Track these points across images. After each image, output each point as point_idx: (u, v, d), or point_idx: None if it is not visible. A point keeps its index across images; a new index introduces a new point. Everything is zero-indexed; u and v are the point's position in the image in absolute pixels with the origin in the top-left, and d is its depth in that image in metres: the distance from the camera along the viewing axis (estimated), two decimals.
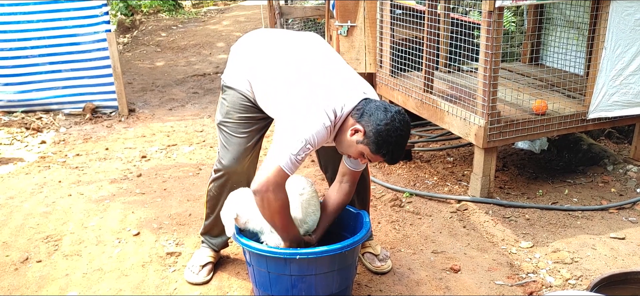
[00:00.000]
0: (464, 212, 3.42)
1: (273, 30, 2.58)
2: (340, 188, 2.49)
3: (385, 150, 2.17)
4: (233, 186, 2.54)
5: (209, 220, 2.72)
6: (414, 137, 4.87)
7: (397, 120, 2.16)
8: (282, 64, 2.33)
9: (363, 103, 2.21)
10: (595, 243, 3.02)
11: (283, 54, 2.37)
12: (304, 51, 2.37)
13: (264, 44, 2.45)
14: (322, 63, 2.34)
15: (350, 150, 2.25)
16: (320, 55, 2.38)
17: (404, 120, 2.20)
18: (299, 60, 2.33)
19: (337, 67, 2.36)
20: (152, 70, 7.89)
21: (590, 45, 3.73)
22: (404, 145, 2.22)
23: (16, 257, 2.93)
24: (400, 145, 2.19)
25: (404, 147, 2.23)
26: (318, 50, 2.40)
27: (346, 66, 2.41)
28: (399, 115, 2.18)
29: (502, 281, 2.71)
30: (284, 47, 2.40)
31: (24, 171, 4.20)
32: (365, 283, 2.70)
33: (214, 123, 5.36)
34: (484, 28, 3.18)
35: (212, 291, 2.65)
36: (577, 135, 4.37)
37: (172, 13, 12.15)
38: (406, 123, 2.20)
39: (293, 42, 2.42)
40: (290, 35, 2.50)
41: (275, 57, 2.36)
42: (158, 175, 4.10)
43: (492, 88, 3.25)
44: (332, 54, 2.44)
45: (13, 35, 5.37)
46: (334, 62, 2.38)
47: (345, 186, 2.48)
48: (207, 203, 2.68)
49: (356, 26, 4.60)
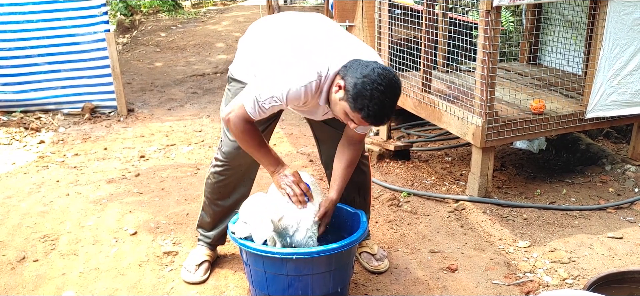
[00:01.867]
0: (461, 211, 3.42)
1: (279, 17, 2.48)
2: (348, 148, 2.43)
3: (361, 105, 2.01)
4: (231, 176, 2.56)
5: (203, 212, 2.75)
6: (413, 136, 4.87)
7: (375, 73, 2.00)
8: (280, 47, 2.30)
9: (351, 62, 2.10)
10: (593, 242, 3.02)
11: (282, 39, 2.33)
12: (303, 29, 2.33)
13: (266, 35, 2.42)
14: (318, 33, 2.29)
15: (336, 110, 2.16)
16: (320, 29, 2.32)
17: (385, 74, 2.01)
18: (295, 37, 2.29)
19: (335, 35, 2.29)
20: (151, 70, 7.89)
21: (588, 44, 3.72)
22: (385, 101, 2.02)
23: (13, 256, 2.93)
24: (378, 101, 2.00)
25: (385, 105, 2.03)
26: (319, 26, 2.34)
27: (348, 36, 2.34)
28: (379, 69, 2.02)
29: (499, 280, 2.71)
30: (284, 32, 2.36)
31: (22, 171, 4.20)
32: (362, 282, 2.69)
33: (212, 124, 5.39)
34: (481, 27, 3.18)
35: (208, 290, 2.65)
36: (575, 135, 4.37)
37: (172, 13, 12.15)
38: (387, 79, 2.01)
39: (294, 26, 2.37)
40: (294, 19, 2.42)
41: (275, 45, 2.33)
42: (156, 174, 4.10)
43: (489, 88, 3.25)
44: (334, 27, 2.37)
45: (12, 35, 5.36)
46: (333, 32, 2.32)
47: (353, 146, 2.43)
48: (204, 191, 2.70)
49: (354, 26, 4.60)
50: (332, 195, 2.44)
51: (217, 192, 2.65)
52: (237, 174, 2.58)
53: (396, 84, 2.05)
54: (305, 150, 4.55)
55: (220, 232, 2.78)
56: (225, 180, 2.61)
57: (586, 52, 3.83)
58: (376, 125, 2.08)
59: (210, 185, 2.65)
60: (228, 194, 2.66)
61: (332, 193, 2.44)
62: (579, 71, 4.12)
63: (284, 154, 4.51)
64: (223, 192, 2.65)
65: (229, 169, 2.57)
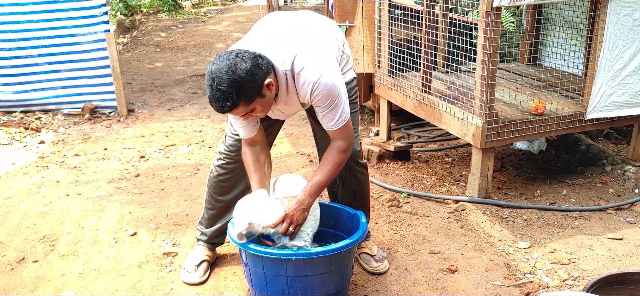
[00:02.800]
0: (461, 212, 3.41)
1: (275, 18, 2.44)
2: (330, 145, 2.37)
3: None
4: (233, 170, 2.57)
5: (204, 207, 2.78)
6: (413, 137, 4.87)
7: (217, 58, 2.05)
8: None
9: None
10: (593, 243, 3.01)
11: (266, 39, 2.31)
12: (263, 30, 2.33)
13: (259, 36, 2.40)
14: (272, 31, 2.29)
15: None
16: (276, 26, 2.32)
17: (222, 58, 2.03)
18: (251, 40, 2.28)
19: (268, 35, 2.27)
20: (151, 71, 7.89)
21: (589, 45, 3.72)
22: (212, 84, 2.01)
23: (12, 257, 2.93)
24: (208, 85, 2.03)
25: (212, 87, 2.02)
26: (282, 24, 2.33)
27: (305, 31, 2.31)
28: (223, 54, 2.05)
29: (499, 281, 2.70)
30: (255, 34, 2.34)
31: (22, 171, 4.20)
32: (362, 283, 2.69)
33: (213, 124, 5.38)
34: (481, 28, 3.18)
35: (208, 291, 2.64)
36: (576, 136, 4.36)
37: (172, 13, 12.14)
38: (219, 63, 2.02)
39: (282, 25, 2.35)
40: (285, 19, 2.40)
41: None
42: (156, 175, 4.09)
43: (489, 89, 3.25)
44: (302, 23, 2.35)
45: (12, 35, 5.36)
46: (291, 28, 2.31)
47: (334, 143, 2.35)
48: (206, 186, 2.73)
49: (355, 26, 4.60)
50: (300, 195, 2.32)
51: (218, 186, 2.67)
52: (239, 169, 2.58)
53: (223, 67, 2.00)
54: (305, 151, 4.54)
55: (218, 229, 2.78)
56: (227, 175, 2.62)
57: (586, 52, 3.83)
58: (218, 111, 2.06)
59: (212, 180, 2.68)
60: (229, 190, 2.67)
61: (301, 193, 2.32)
62: (579, 72, 4.11)
63: (284, 154, 4.50)
64: (224, 187, 2.66)
65: (231, 163, 2.59)
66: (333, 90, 2.20)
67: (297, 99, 2.26)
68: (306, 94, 2.19)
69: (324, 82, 2.16)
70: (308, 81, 2.16)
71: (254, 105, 2.11)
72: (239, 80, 2.01)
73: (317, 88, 2.16)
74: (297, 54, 2.16)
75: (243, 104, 2.07)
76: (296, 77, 2.17)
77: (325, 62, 2.21)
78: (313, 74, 2.15)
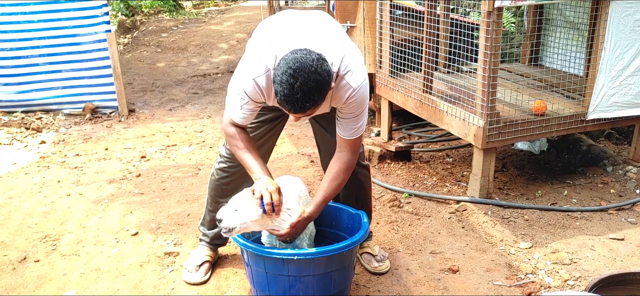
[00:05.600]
0: (462, 212, 3.41)
1: (275, 16, 2.39)
2: (338, 157, 2.35)
3: (275, 89, 1.96)
4: (234, 173, 2.56)
5: (206, 209, 2.77)
6: (414, 137, 4.87)
7: (291, 56, 1.93)
8: (252, 46, 2.28)
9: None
10: (594, 244, 3.01)
11: (259, 38, 2.29)
12: (280, 26, 2.27)
13: (255, 35, 2.37)
14: (292, 29, 2.21)
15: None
16: (296, 24, 2.24)
17: (300, 57, 1.91)
18: (267, 35, 2.25)
19: (309, 30, 2.18)
20: (152, 71, 7.89)
21: (590, 45, 3.72)
22: (294, 84, 1.90)
23: (14, 257, 2.93)
24: (287, 84, 1.90)
25: (294, 87, 1.90)
26: (300, 22, 2.26)
27: (328, 31, 2.23)
28: (300, 53, 1.93)
29: (500, 281, 2.71)
30: (266, 31, 2.30)
31: (23, 171, 4.20)
32: (363, 283, 2.69)
33: (213, 124, 5.38)
34: (483, 28, 3.18)
35: (209, 291, 2.65)
36: (577, 136, 4.36)
37: (173, 13, 12.14)
38: (299, 61, 1.90)
39: (278, 24, 2.30)
40: (285, 17, 2.34)
41: (251, 45, 2.30)
42: (157, 175, 4.10)
43: (491, 89, 3.25)
44: (319, 23, 2.27)
45: (13, 35, 5.37)
46: (312, 27, 2.21)
47: (341, 154, 2.34)
48: (208, 188, 2.72)
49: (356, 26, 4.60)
50: (309, 209, 2.29)
51: (219, 189, 2.66)
52: (240, 172, 2.57)
53: (310, 66, 1.90)
54: (306, 151, 4.54)
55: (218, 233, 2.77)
56: (228, 178, 2.61)
57: (588, 53, 3.83)
58: (295, 112, 1.97)
59: (214, 182, 2.66)
60: (230, 192, 2.64)
61: (309, 207, 2.30)
62: (581, 72, 4.11)
63: (285, 155, 4.51)
64: (225, 190, 2.65)
65: (232, 166, 2.58)
66: (366, 100, 2.20)
67: (328, 102, 2.17)
68: (342, 98, 2.14)
69: (362, 90, 2.14)
70: (349, 85, 2.11)
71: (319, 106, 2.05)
72: (323, 82, 1.94)
73: (355, 95, 2.13)
74: (345, 56, 2.11)
75: (319, 104, 2.00)
76: (338, 78, 2.11)
77: (364, 68, 2.19)
78: (356, 79, 2.11)
